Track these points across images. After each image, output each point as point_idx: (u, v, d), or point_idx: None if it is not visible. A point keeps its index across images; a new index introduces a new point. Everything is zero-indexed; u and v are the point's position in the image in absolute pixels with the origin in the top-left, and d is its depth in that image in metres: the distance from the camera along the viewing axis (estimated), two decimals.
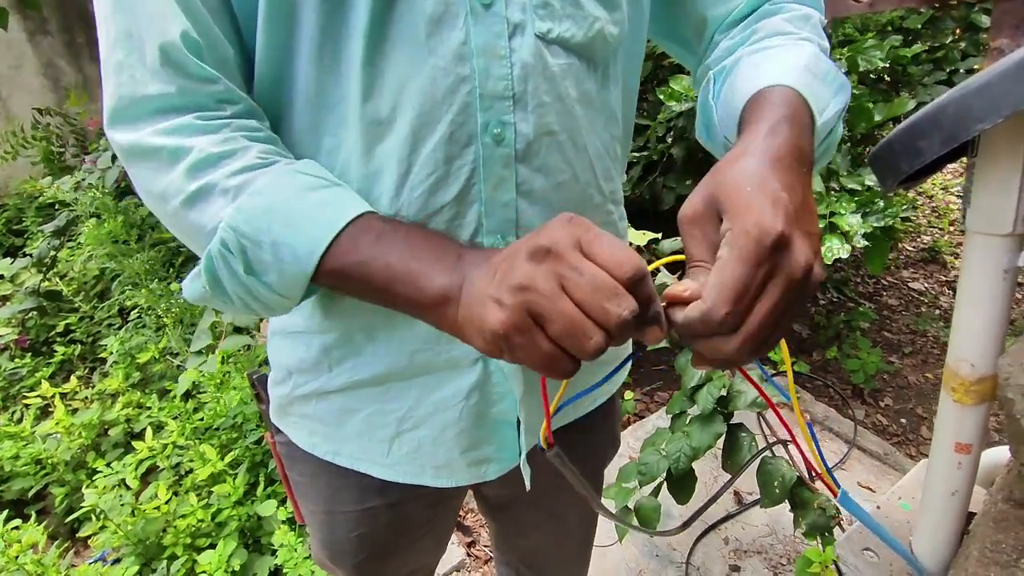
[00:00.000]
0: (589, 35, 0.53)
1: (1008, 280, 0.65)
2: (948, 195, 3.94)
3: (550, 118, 0.53)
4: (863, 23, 2.50)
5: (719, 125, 0.56)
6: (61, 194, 2.41)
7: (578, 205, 0.59)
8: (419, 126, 0.49)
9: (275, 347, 0.67)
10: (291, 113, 0.53)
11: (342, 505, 0.70)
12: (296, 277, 0.46)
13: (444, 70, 0.48)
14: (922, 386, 2.46)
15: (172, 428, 1.79)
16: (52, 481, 1.87)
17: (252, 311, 0.51)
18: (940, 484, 0.77)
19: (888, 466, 1.96)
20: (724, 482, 1.88)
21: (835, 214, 1.49)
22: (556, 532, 0.90)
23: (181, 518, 1.59)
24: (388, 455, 0.64)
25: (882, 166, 0.63)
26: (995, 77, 0.49)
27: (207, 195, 0.47)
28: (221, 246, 0.46)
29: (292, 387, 0.65)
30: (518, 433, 0.64)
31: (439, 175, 0.51)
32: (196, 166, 0.47)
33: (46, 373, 2.29)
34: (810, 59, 0.51)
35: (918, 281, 3.11)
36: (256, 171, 0.47)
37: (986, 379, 0.69)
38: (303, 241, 0.45)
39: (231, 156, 0.47)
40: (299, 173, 0.48)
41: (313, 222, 0.46)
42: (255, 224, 0.45)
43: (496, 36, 0.49)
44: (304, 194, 0.47)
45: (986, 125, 0.50)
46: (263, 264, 0.46)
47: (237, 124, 0.49)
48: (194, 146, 0.47)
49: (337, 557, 0.75)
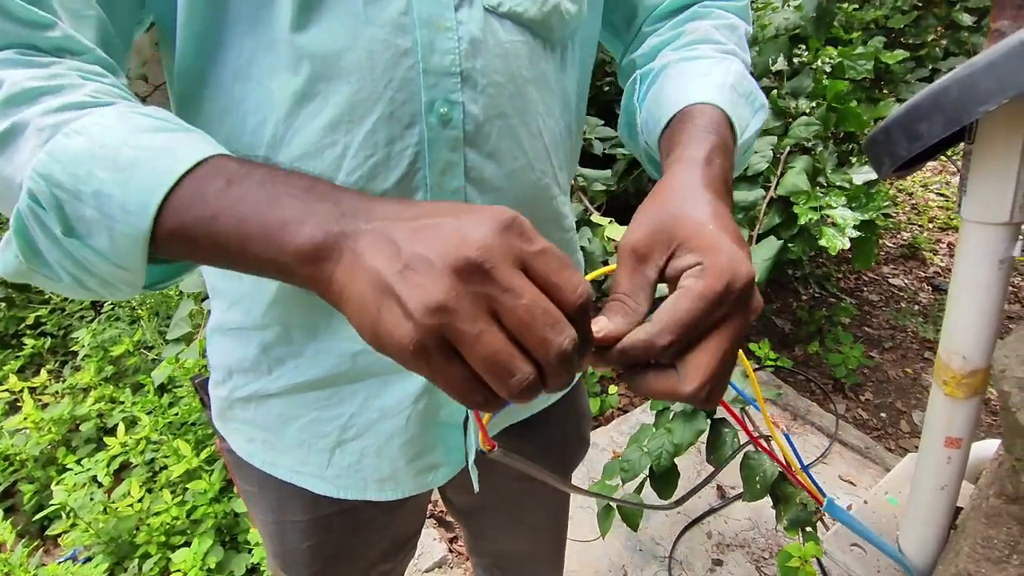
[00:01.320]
0: (544, 10, 0.49)
1: (1003, 270, 0.64)
2: (928, 192, 4.00)
3: (502, 99, 0.49)
4: (848, 20, 2.51)
5: (641, 129, 0.56)
6: None
7: (532, 195, 0.55)
8: (355, 103, 0.45)
9: (214, 345, 0.62)
10: (215, 91, 0.48)
11: (292, 515, 0.66)
12: (130, 239, 0.35)
13: (383, 42, 0.44)
14: (902, 381, 2.48)
15: (146, 423, 1.75)
16: (20, 478, 1.82)
17: (87, 289, 0.39)
18: (929, 478, 0.77)
19: (869, 460, 1.98)
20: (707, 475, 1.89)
21: (826, 207, 1.51)
22: (526, 533, 0.88)
23: (155, 515, 1.55)
24: (328, 467, 0.60)
25: (879, 150, 0.61)
26: (999, 57, 0.48)
27: (16, 137, 0.36)
28: (31, 200, 0.35)
29: (231, 389, 0.60)
30: (464, 434, 0.61)
31: (378, 158, 0.46)
32: (6, 102, 0.36)
33: (15, 366, 2.23)
34: (736, 78, 0.52)
35: (898, 277, 3.15)
36: (84, 109, 0.37)
37: (978, 372, 0.68)
38: (134, 191, 0.34)
39: (55, 92, 0.37)
40: (140, 114, 0.37)
41: (146, 168, 0.35)
42: (72, 170, 0.35)
43: (441, 6, 0.45)
44: (140, 135, 0.36)
45: (990, 106, 0.49)
46: (86, 223, 0.35)
47: (74, 64, 0.40)
48: (5, 79, 0.37)
49: (291, 568, 0.70)
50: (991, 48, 0.49)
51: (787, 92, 1.92)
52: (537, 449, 0.74)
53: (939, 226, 3.58)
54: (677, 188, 0.41)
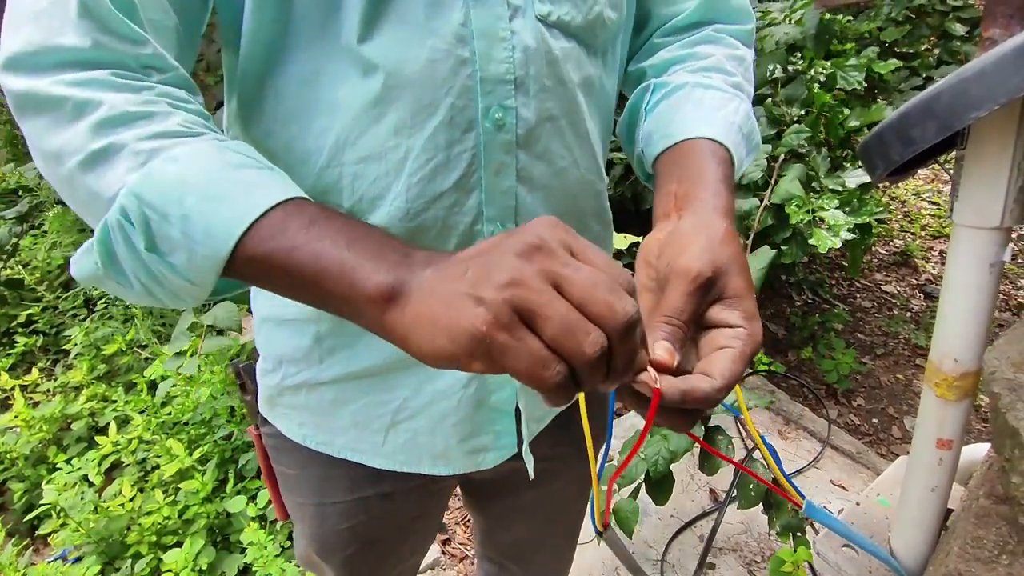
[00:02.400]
0: (589, 18, 0.53)
1: (994, 274, 0.65)
2: (920, 200, 4.03)
3: (552, 103, 0.52)
4: (842, 33, 2.54)
5: (641, 136, 0.59)
6: (24, 179, 2.32)
7: (578, 192, 0.58)
8: (417, 109, 0.48)
9: (265, 335, 0.65)
10: (278, 96, 0.51)
11: (333, 496, 0.68)
12: (208, 260, 0.39)
13: (444, 52, 0.47)
14: (893, 387, 2.50)
15: (138, 422, 1.74)
16: (11, 477, 1.81)
17: (155, 298, 0.43)
18: (920, 480, 0.77)
19: (861, 465, 1.99)
20: (700, 481, 1.89)
21: (819, 210, 1.54)
22: (544, 521, 0.89)
23: (146, 515, 1.54)
24: (384, 444, 0.62)
25: (873, 155, 0.62)
26: (990, 65, 0.49)
27: (111, 156, 0.39)
28: (120, 215, 0.39)
29: (282, 377, 0.63)
30: (517, 422, 0.64)
31: (438, 161, 0.49)
32: (104, 123, 0.40)
33: (6, 364, 2.22)
34: (742, 118, 0.57)
35: (890, 284, 3.17)
36: (177, 138, 0.41)
37: (969, 374, 0.69)
38: (221, 219, 0.38)
39: (149, 118, 0.40)
40: (229, 150, 0.42)
41: (235, 200, 0.39)
42: (165, 194, 0.38)
43: (496, 18, 0.48)
44: (229, 171, 0.40)
45: (982, 113, 0.50)
46: (169, 241, 0.39)
47: (163, 90, 0.43)
48: (105, 101, 0.40)
49: (326, 552, 0.73)
50: (982, 56, 0.51)
51: (781, 100, 1.94)
52: (569, 440, 0.76)
53: (931, 234, 3.61)
54: (722, 233, 0.44)
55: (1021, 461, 0.56)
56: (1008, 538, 0.63)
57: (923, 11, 2.48)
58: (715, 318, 0.42)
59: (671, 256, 0.44)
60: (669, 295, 0.42)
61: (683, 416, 0.40)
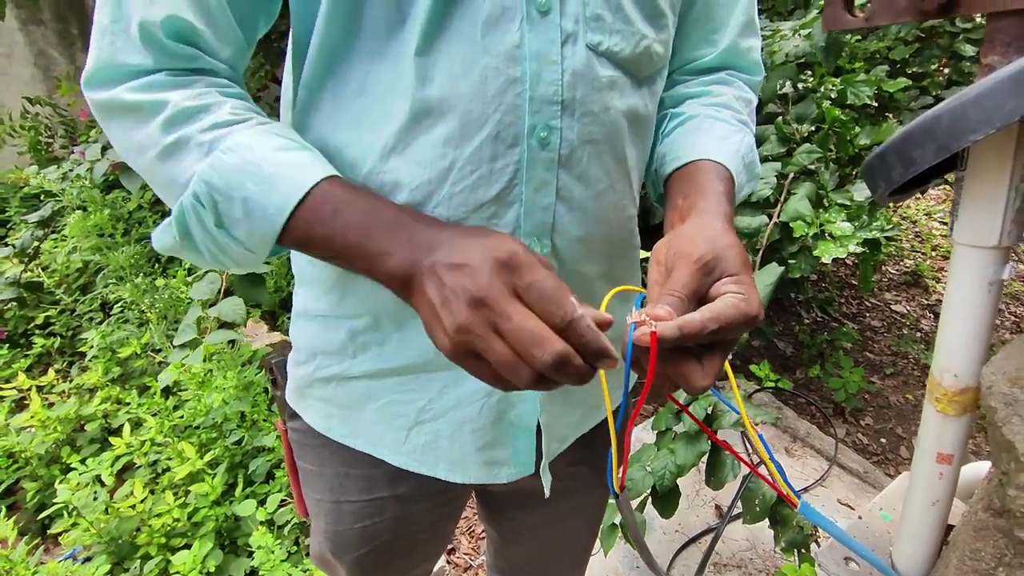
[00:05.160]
0: (637, 51, 0.56)
1: (993, 292, 0.66)
2: (931, 221, 4.02)
3: (594, 127, 0.55)
4: (852, 52, 2.56)
5: (655, 158, 0.66)
6: (47, 184, 2.37)
7: (611, 216, 0.61)
8: (466, 123, 0.51)
9: (299, 329, 0.68)
10: (336, 101, 0.54)
11: (350, 495, 0.70)
12: (265, 234, 0.48)
13: (496, 70, 0.50)
14: (902, 406, 2.49)
15: (151, 425, 1.77)
16: (24, 476, 1.83)
17: (220, 263, 0.52)
18: (921, 494, 0.78)
19: (868, 484, 1.98)
20: (706, 496, 1.89)
21: (827, 223, 1.56)
22: (558, 538, 0.90)
23: (156, 517, 1.56)
24: (405, 443, 0.64)
25: (875, 174, 0.64)
26: (988, 89, 0.51)
27: (181, 148, 0.48)
28: (194, 199, 0.48)
29: (315, 368, 0.65)
30: (537, 441, 0.65)
31: (482, 173, 0.52)
32: (171, 120, 0.48)
33: (23, 365, 2.25)
34: (746, 149, 0.64)
35: (900, 304, 3.16)
36: (229, 127, 0.49)
37: (969, 390, 0.70)
38: (273, 200, 0.47)
39: (205, 111, 0.49)
40: (272, 133, 0.49)
41: (281, 182, 0.47)
42: (228, 180, 0.47)
43: (550, 42, 0.51)
44: (274, 153, 0.48)
45: (979, 136, 0.52)
46: (233, 219, 0.48)
47: (208, 80, 0.51)
48: (169, 100, 0.48)
49: (339, 550, 0.75)
50: (981, 80, 0.52)
51: (792, 118, 1.96)
52: (590, 461, 0.78)
53: (942, 254, 3.60)
54: (721, 229, 0.50)
55: (1017, 474, 0.58)
56: (1005, 550, 0.64)
57: (933, 32, 2.50)
58: (717, 292, 0.46)
59: (676, 249, 0.48)
60: (673, 275, 0.46)
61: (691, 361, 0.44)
